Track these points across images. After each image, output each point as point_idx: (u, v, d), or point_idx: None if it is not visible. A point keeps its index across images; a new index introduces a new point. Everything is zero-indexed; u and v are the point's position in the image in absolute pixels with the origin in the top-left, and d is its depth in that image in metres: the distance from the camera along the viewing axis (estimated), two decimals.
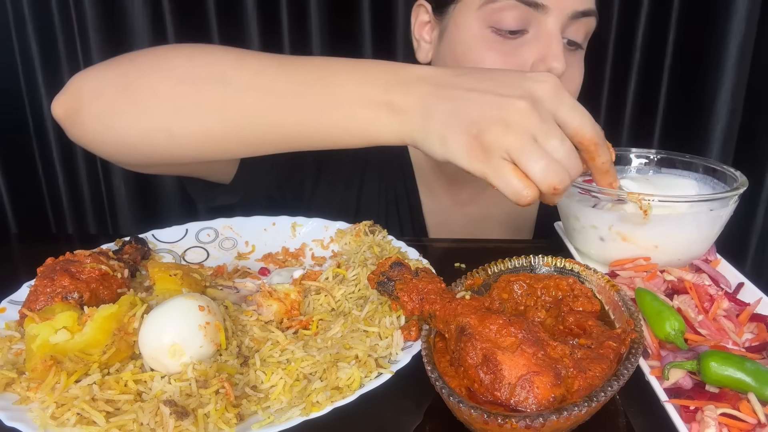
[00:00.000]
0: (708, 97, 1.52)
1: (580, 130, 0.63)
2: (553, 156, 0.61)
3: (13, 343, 0.63)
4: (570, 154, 0.62)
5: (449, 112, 0.64)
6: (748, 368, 0.54)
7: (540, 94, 0.62)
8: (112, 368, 0.59)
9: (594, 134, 0.64)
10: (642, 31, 1.53)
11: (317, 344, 0.63)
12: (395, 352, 0.61)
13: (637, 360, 0.52)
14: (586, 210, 0.80)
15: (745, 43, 1.45)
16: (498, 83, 0.64)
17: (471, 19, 0.90)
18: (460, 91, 0.65)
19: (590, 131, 0.64)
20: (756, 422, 0.52)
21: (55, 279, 0.66)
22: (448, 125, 0.63)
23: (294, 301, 0.68)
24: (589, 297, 0.62)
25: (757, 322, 0.67)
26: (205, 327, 0.59)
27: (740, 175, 0.80)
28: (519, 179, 0.61)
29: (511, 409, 0.48)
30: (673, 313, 0.62)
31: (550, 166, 0.60)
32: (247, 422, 0.54)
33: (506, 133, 0.60)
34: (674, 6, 1.51)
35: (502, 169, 0.61)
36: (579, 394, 0.49)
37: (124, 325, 0.60)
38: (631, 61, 1.56)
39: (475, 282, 0.65)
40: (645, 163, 0.91)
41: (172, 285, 0.69)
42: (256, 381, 0.58)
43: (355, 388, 0.56)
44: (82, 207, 1.81)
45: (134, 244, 0.82)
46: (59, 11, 1.59)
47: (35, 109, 1.70)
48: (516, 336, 0.51)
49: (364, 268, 0.74)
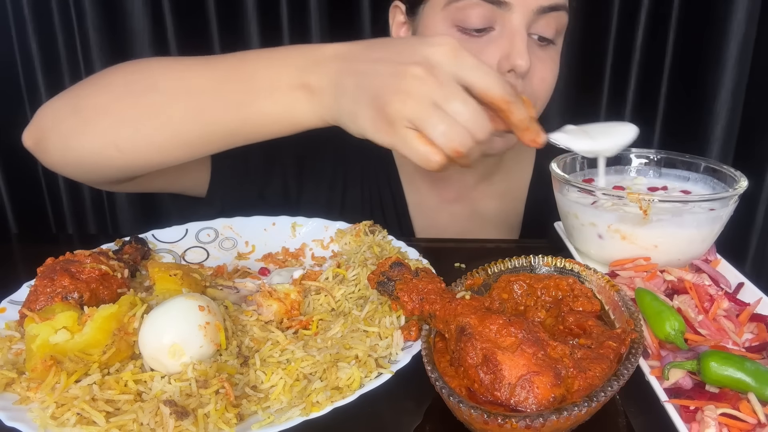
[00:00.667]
0: (708, 97, 1.52)
1: (487, 89, 0.63)
2: (458, 119, 0.61)
3: (13, 343, 0.63)
4: (474, 116, 0.62)
5: (357, 87, 0.65)
6: (748, 368, 0.54)
7: (437, 58, 0.62)
8: (112, 368, 0.59)
9: (503, 92, 0.64)
10: (642, 30, 1.53)
11: (317, 344, 0.63)
12: (395, 352, 0.61)
13: (637, 360, 0.52)
14: (585, 207, 0.80)
15: (745, 43, 1.45)
16: (396, 52, 0.65)
17: (438, 18, 0.90)
18: (365, 63, 0.66)
19: (498, 89, 0.64)
20: (756, 422, 0.52)
21: (55, 279, 0.66)
22: (356, 100, 0.65)
23: (294, 301, 0.68)
24: (589, 297, 0.61)
25: (757, 322, 0.67)
26: (205, 327, 0.59)
27: (740, 175, 0.80)
28: (425, 145, 0.61)
29: (511, 409, 0.48)
30: (673, 313, 0.62)
31: (451, 130, 0.61)
32: (247, 422, 0.54)
33: (405, 101, 0.61)
34: (674, 6, 1.51)
35: (408, 138, 0.62)
36: (579, 394, 0.49)
37: (124, 325, 0.60)
38: (631, 61, 1.56)
39: (475, 282, 0.65)
40: (645, 163, 0.91)
41: (172, 285, 0.69)
42: (256, 381, 0.58)
43: (355, 388, 0.56)
44: (82, 207, 1.81)
45: (134, 244, 0.82)
46: (59, 11, 1.59)
47: (35, 110, 1.69)
48: (516, 336, 0.51)
49: (364, 268, 0.74)
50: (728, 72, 1.48)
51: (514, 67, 0.85)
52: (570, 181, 0.80)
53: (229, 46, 1.57)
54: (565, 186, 0.82)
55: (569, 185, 0.80)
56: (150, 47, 1.58)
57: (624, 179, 0.91)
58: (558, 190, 0.84)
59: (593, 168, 0.91)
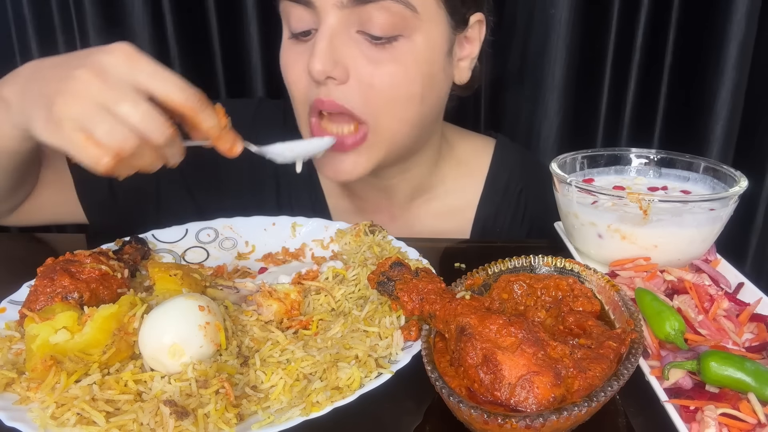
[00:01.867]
0: (708, 97, 1.52)
1: (167, 96, 0.64)
2: (129, 121, 0.61)
3: (13, 343, 0.63)
4: (146, 118, 0.62)
5: (36, 93, 0.67)
6: (748, 368, 0.54)
7: (109, 62, 0.63)
8: (112, 368, 0.59)
9: (183, 99, 0.64)
10: (642, 30, 1.53)
11: (317, 344, 0.63)
12: (395, 352, 0.61)
13: (637, 360, 0.52)
14: (585, 207, 0.80)
15: (745, 44, 1.45)
16: (74, 58, 0.66)
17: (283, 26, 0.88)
18: (47, 70, 0.68)
19: (178, 96, 0.64)
20: (756, 422, 0.52)
21: (55, 279, 0.66)
22: (34, 105, 0.66)
23: (294, 301, 0.68)
24: (589, 297, 0.61)
25: (757, 322, 0.67)
26: (205, 327, 0.59)
27: (740, 175, 0.80)
28: (93, 147, 0.62)
29: (511, 409, 0.48)
30: (673, 313, 0.62)
31: (114, 129, 0.61)
32: (247, 422, 0.54)
33: (69, 102, 0.62)
34: (674, 6, 1.51)
35: (74, 139, 0.62)
36: (579, 394, 0.49)
37: (124, 325, 0.60)
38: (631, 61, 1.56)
39: (475, 282, 0.65)
40: (645, 163, 0.91)
41: (172, 285, 0.69)
42: (256, 381, 0.58)
43: (355, 388, 0.56)
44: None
45: (134, 244, 0.82)
46: (59, 11, 1.59)
47: None
48: (516, 336, 0.51)
49: (364, 268, 0.74)
50: (728, 72, 1.48)
51: (309, 71, 0.79)
52: (570, 181, 0.80)
53: (229, 46, 1.57)
54: (565, 186, 0.82)
55: (569, 185, 0.80)
56: (150, 47, 1.57)
57: (624, 179, 0.91)
58: (558, 190, 0.84)
59: (593, 168, 0.92)
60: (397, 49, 0.81)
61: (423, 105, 0.87)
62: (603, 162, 0.92)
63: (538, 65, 1.48)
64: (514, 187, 1.10)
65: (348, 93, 0.82)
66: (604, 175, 0.92)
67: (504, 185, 1.09)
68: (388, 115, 0.85)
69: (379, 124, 0.85)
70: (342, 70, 0.80)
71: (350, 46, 0.81)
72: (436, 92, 0.90)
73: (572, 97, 1.57)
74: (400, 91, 0.83)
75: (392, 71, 0.82)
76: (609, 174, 0.91)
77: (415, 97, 0.85)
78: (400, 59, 0.82)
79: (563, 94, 1.55)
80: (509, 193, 1.09)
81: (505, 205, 1.09)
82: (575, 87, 1.55)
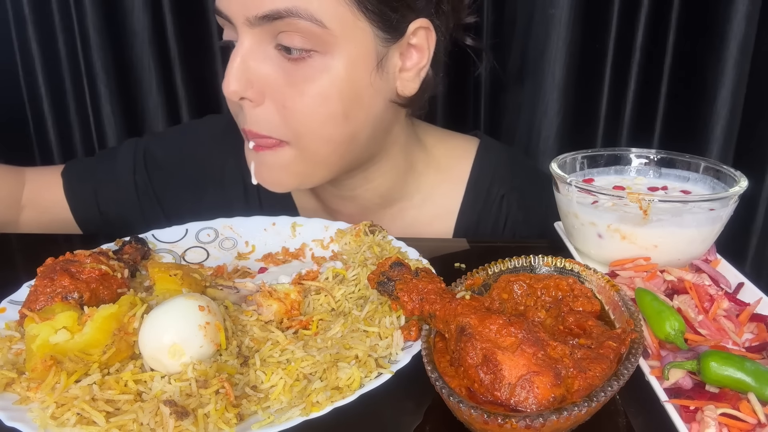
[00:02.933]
0: (708, 97, 1.52)
1: None
2: None
3: (13, 343, 0.63)
4: None
5: None
6: (748, 368, 0.54)
7: None
8: (112, 368, 0.59)
9: None
10: (642, 30, 1.53)
11: (317, 344, 0.63)
12: (395, 352, 0.61)
13: (637, 360, 0.52)
14: (585, 207, 0.80)
15: (745, 43, 1.45)
16: None
17: None
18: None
19: None
20: (756, 422, 0.52)
21: (55, 279, 0.66)
22: None
23: (294, 301, 0.68)
24: (589, 297, 0.61)
25: (757, 322, 0.67)
26: (205, 327, 0.59)
27: (740, 175, 0.80)
28: None
29: (511, 409, 0.48)
30: (673, 313, 0.62)
31: None
32: (247, 422, 0.54)
33: None
34: (674, 6, 1.51)
35: None
36: (579, 394, 0.49)
37: (124, 325, 0.60)
38: (631, 61, 1.56)
39: (475, 282, 0.65)
40: (645, 163, 0.91)
41: (172, 285, 0.69)
42: (256, 381, 0.58)
43: (355, 388, 0.56)
44: None
45: (134, 244, 0.82)
46: (59, 11, 1.59)
47: (35, 110, 1.70)
48: (516, 336, 0.51)
49: (364, 268, 0.74)
50: (728, 72, 1.48)
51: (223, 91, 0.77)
52: (570, 180, 0.80)
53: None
54: (565, 186, 0.82)
55: (569, 185, 0.80)
56: (150, 47, 1.58)
57: (624, 179, 0.91)
58: (558, 190, 0.84)
59: (593, 168, 0.92)
60: (312, 67, 0.77)
61: (348, 124, 0.81)
62: (603, 162, 0.92)
63: (538, 65, 1.48)
64: (496, 193, 1.04)
65: (265, 115, 0.79)
66: (604, 175, 0.91)
67: (485, 191, 1.04)
68: (308, 136, 0.81)
69: (301, 143, 0.82)
70: (256, 92, 0.78)
71: (266, 64, 0.77)
72: (365, 109, 0.83)
73: (572, 96, 1.57)
74: (316, 111, 0.79)
75: (306, 91, 0.77)
76: (609, 174, 0.91)
77: (337, 117, 0.80)
78: (315, 78, 0.77)
79: (563, 93, 1.55)
80: (490, 199, 1.04)
81: (485, 212, 1.04)
82: (575, 87, 1.55)
